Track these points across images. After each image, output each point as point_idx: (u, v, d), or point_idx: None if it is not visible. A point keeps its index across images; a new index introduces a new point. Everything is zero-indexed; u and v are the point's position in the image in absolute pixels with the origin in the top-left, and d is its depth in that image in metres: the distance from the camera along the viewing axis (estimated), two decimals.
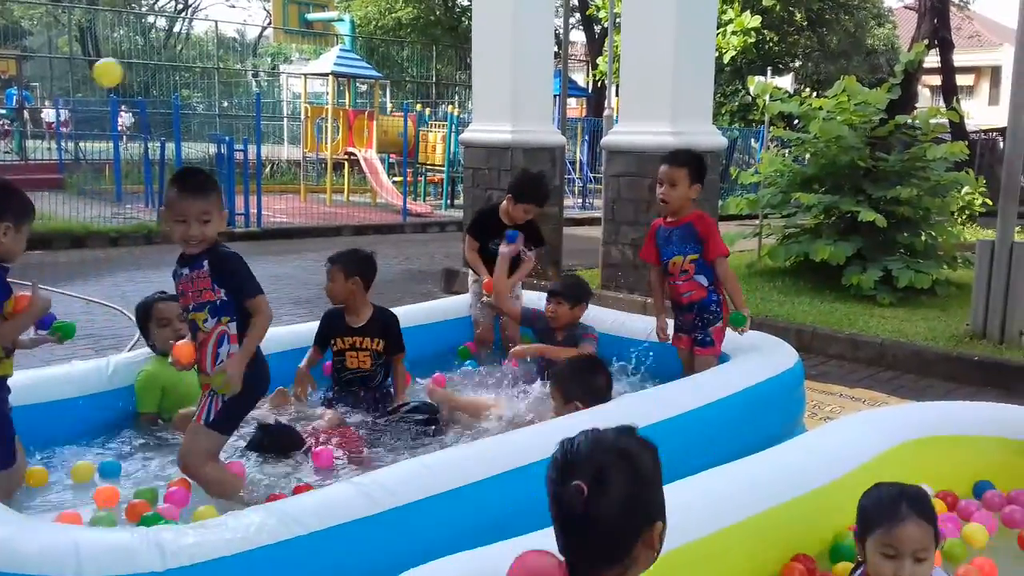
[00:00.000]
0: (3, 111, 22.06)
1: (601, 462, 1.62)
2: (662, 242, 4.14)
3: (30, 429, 3.29)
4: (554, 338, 4.53)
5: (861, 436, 3.21)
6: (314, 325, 4.38)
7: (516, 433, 3.30)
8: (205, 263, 3.04)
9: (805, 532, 2.81)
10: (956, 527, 3.02)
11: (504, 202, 5.12)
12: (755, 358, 4.13)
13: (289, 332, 4.57)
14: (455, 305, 5.53)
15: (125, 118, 19.68)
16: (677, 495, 2.59)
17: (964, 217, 12.92)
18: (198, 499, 3.09)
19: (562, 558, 1.70)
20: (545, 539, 1.82)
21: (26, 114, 21.38)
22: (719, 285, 4.10)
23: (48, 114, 21.37)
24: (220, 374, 2.98)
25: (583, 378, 3.73)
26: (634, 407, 3.51)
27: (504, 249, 4.77)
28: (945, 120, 9.88)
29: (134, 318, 4.26)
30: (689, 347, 4.18)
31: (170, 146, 13.62)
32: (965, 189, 11.81)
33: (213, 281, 3.04)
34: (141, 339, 4.23)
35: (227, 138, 13.17)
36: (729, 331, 4.18)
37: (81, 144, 18.39)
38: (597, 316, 4.94)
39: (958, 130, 13.02)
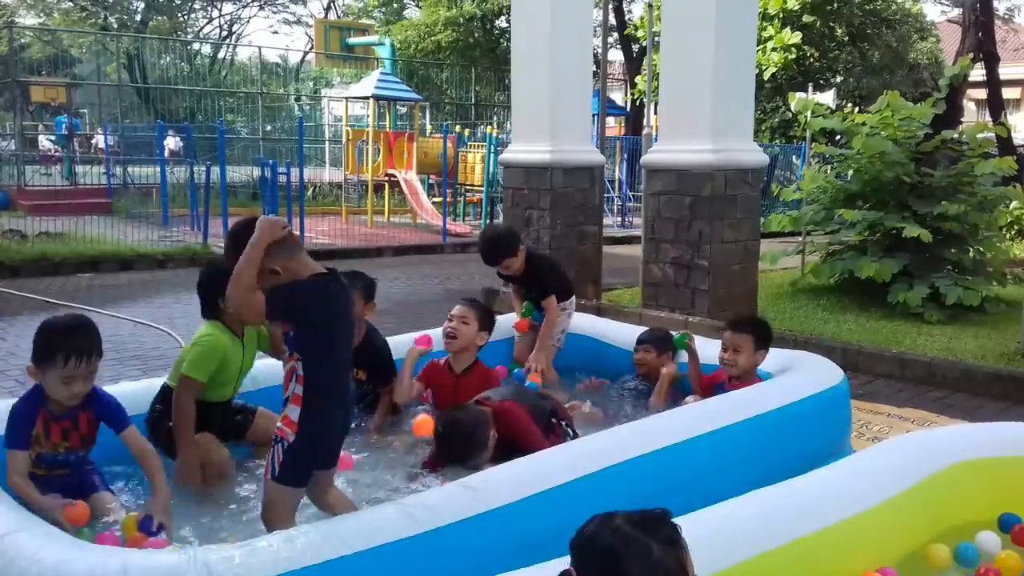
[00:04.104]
0: (53, 137, 22.63)
1: (592, 555, 1.75)
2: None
3: None
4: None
5: (911, 457, 3.14)
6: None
7: (554, 452, 3.29)
8: None
9: (853, 555, 2.75)
10: None
11: None
12: (797, 376, 4.09)
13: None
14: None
15: (171, 143, 20.07)
16: (718, 516, 2.59)
17: (1013, 232, 12.67)
18: None
19: None
20: None
21: (75, 141, 21.89)
22: None
23: (99, 140, 21.90)
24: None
25: (768, 327, 4.29)
26: (669, 422, 3.49)
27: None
28: (992, 134, 9.71)
29: (206, 276, 3.69)
30: None
31: (215, 170, 13.86)
32: (1014, 204, 11.59)
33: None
34: None
35: (271, 161, 13.37)
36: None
37: (129, 169, 18.79)
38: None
39: (1005, 144, 12.77)
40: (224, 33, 44.70)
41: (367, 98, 17.20)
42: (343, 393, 2.94)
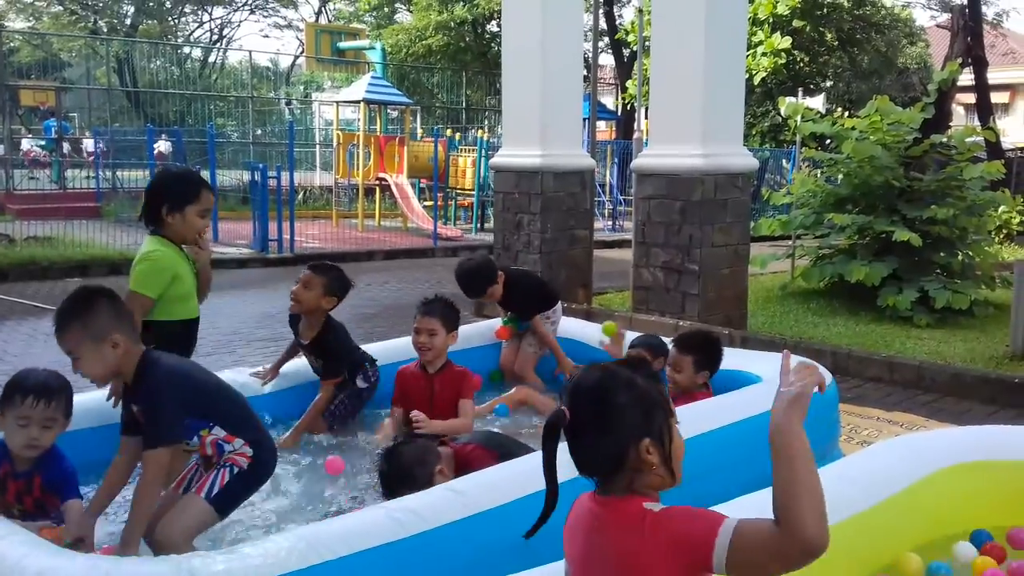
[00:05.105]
0: (43, 142, 22.52)
1: (581, 392, 1.84)
2: None
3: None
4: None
5: (899, 462, 3.14)
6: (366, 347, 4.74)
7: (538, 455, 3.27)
8: (140, 395, 2.83)
9: (842, 560, 2.74)
10: None
11: None
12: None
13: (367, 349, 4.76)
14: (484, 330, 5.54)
15: (161, 147, 20.00)
16: None
17: (1002, 236, 12.73)
18: None
19: None
20: None
21: (65, 144, 21.78)
22: None
23: (87, 144, 21.83)
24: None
25: (716, 349, 4.06)
26: None
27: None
28: (981, 139, 9.75)
29: (156, 182, 3.67)
30: None
31: (205, 173, 13.81)
32: (1002, 208, 11.65)
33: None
34: None
35: (261, 165, 13.35)
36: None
37: (118, 173, 18.72)
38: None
39: (994, 149, 12.83)
40: (214, 37, 44.59)
41: (358, 102, 17.18)
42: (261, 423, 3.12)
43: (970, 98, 18.77)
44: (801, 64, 21.55)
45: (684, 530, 1.71)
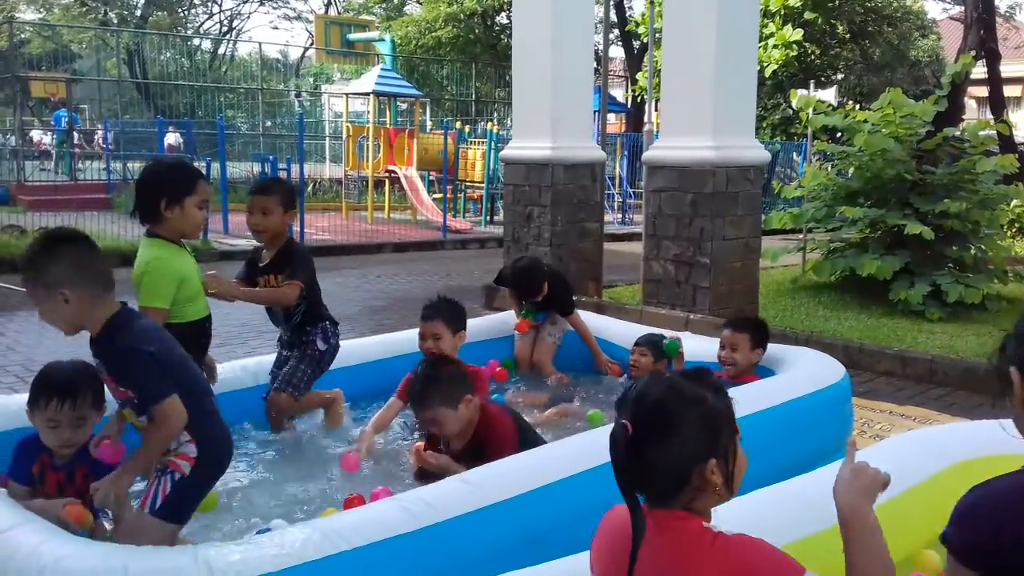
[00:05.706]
0: (53, 136, 22.59)
1: (646, 407, 1.75)
2: None
3: None
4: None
5: (912, 456, 3.13)
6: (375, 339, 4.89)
7: (553, 447, 3.28)
8: (101, 360, 2.69)
9: None
10: None
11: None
12: (798, 372, 4.08)
13: (376, 342, 4.92)
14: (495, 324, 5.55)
15: (171, 138, 20.05)
16: (720, 514, 2.58)
17: (1014, 230, 12.65)
18: None
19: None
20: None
21: (76, 136, 21.86)
22: None
23: (100, 135, 21.92)
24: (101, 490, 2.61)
25: (766, 327, 4.36)
26: None
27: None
28: (993, 132, 9.69)
29: (142, 185, 3.42)
30: None
31: (215, 166, 13.83)
32: (1015, 202, 11.58)
33: (114, 380, 2.68)
34: None
35: (271, 157, 13.37)
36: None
37: (128, 164, 18.78)
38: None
39: (1007, 142, 12.74)
40: (224, 29, 44.64)
41: (367, 94, 17.18)
42: (219, 414, 2.87)
43: (982, 91, 18.65)
44: (812, 57, 21.45)
45: (763, 568, 1.69)
